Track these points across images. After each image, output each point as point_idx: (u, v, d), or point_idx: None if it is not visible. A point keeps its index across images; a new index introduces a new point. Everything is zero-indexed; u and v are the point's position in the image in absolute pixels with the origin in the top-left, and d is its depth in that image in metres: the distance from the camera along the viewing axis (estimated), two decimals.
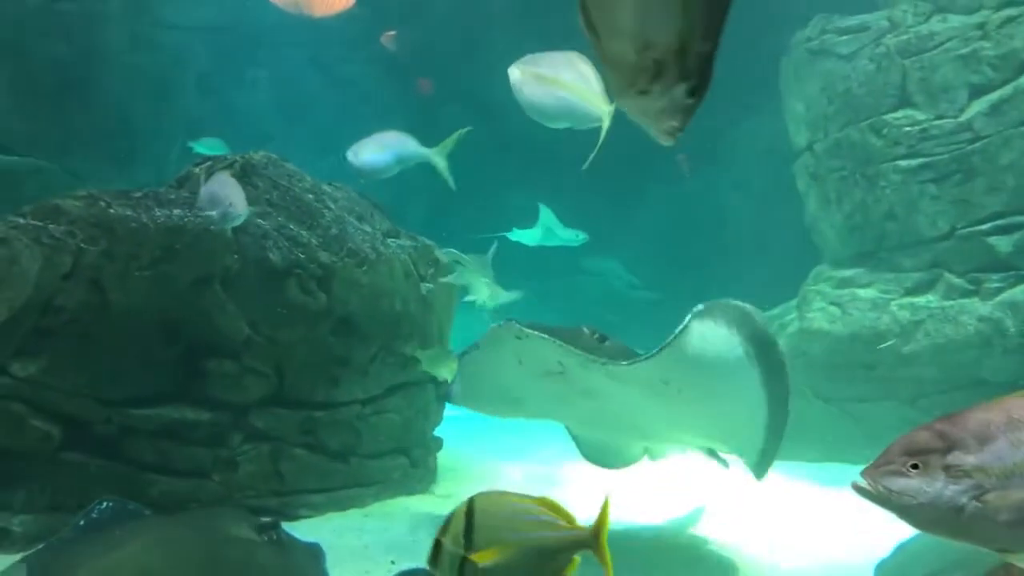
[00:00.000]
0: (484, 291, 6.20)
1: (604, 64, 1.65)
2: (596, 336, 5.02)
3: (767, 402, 4.66)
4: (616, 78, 1.64)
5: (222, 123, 12.73)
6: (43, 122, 9.66)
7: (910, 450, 2.21)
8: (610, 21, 1.54)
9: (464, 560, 2.57)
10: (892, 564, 5.13)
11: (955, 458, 2.16)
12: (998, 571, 2.40)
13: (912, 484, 2.17)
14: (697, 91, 1.65)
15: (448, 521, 2.66)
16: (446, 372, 6.67)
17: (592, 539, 2.64)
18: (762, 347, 4.49)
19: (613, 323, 15.74)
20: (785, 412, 4.73)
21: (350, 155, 6.09)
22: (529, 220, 16.22)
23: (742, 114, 15.18)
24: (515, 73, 4.68)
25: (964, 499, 2.12)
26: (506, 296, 6.56)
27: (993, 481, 2.12)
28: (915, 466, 2.18)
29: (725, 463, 5.85)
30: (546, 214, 11.16)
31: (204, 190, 5.04)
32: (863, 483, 2.22)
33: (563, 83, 4.64)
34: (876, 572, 5.07)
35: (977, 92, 7.82)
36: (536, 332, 4.69)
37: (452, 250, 6.32)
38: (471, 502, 2.67)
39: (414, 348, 6.25)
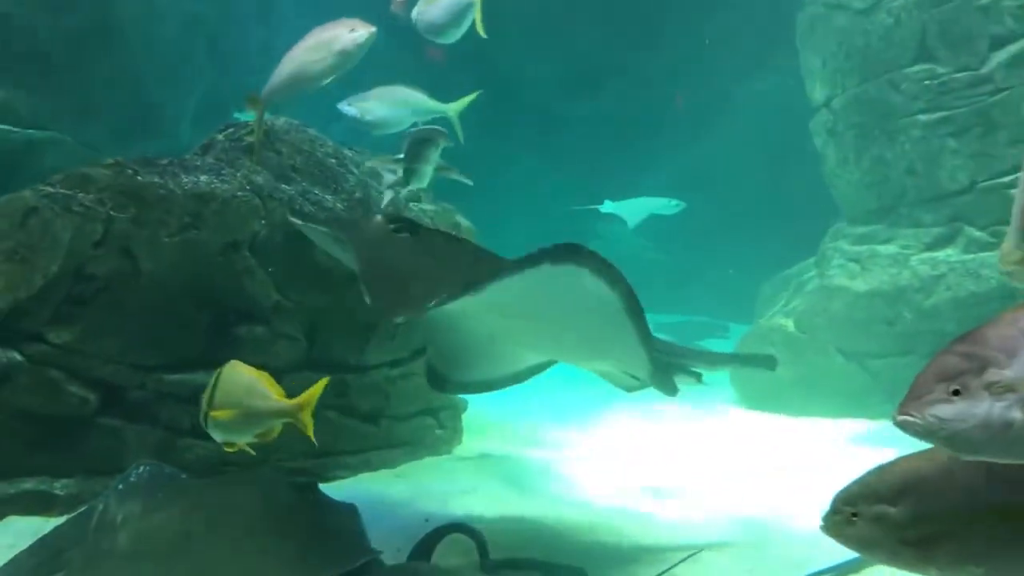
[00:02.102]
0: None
1: None
2: (393, 226, 4.34)
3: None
4: None
5: (235, 91, 12.69)
6: (58, 95, 9.66)
7: (945, 376, 2.19)
8: None
9: (207, 414, 3.56)
10: None
11: (992, 375, 2.15)
12: None
13: (960, 409, 2.15)
14: None
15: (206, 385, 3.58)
16: None
17: (295, 412, 3.64)
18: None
19: None
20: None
21: (355, 109, 6.06)
22: (542, 184, 16.24)
23: (754, 72, 15.10)
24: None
25: (1013, 413, 2.12)
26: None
27: None
28: (955, 392, 2.17)
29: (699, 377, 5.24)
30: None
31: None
32: (910, 418, 2.20)
33: None
34: None
35: (998, 43, 7.76)
36: (302, 222, 4.57)
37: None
38: (219, 372, 3.61)
39: None
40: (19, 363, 4.96)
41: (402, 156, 5.37)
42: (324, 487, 4.81)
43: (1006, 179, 7.72)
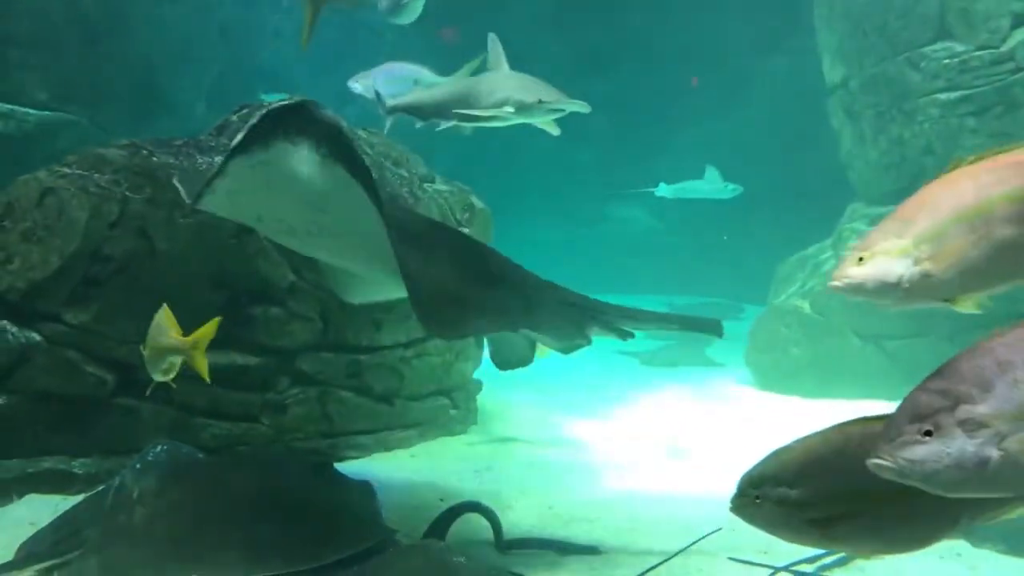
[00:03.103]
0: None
1: None
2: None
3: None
4: None
5: (247, 74, 12.70)
6: (72, 77, 9.66)
7: (917, 416, 2.15)
8: None
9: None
10: None
11: (965, 412, 2.10)
12: None
13: (932, 449, 2.11)
14: None
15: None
16: None
17: (188, 349, 3.95)
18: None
19: (639, 267, 15.78)
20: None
21: (362, 87, 5.98)
22: (556, 165, 16.15)
23: (770, 52, 14.96)
24: None
25: (987, 451, 2.07)
26: None
27: (1009, 426, 2.07)
28: (928, 431, 2.12)
29: (627, 335, 4.99)
30: (711, 172, 12.51)
31: None
32: (882, 462, 2.17)
33: None
34: None
35: (1020, 21, 7.63)
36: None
37: None
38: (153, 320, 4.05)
39: None
40: (37, 343, 5.00)
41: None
42: (339, 466, 4.85)
43: None
